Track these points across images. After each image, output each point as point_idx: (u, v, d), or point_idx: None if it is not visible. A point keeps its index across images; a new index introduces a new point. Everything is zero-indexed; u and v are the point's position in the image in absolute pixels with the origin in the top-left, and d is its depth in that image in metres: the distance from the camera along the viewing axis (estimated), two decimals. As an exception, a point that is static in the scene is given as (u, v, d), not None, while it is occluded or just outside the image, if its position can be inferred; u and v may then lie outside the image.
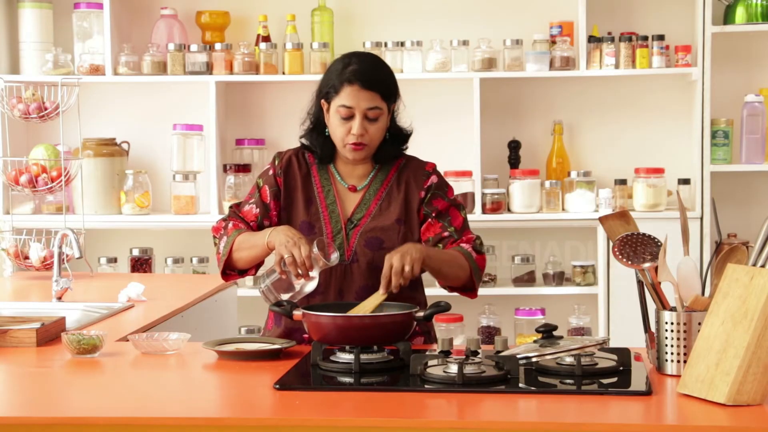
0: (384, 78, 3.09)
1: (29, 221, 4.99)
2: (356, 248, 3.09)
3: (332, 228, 3.10)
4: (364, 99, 3.03)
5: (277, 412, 2.40)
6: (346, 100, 3.03)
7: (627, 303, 4.94)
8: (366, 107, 3.03)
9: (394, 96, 3.11)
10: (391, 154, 3.16)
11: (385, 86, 3.07)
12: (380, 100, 3.05)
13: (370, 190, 3.15)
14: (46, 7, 5.34)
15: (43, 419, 2.35)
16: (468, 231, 3.15)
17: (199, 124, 5.31)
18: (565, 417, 2.33)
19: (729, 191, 5.29)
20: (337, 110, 3.05)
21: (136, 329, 3.23)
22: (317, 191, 3.14)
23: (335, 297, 3.08)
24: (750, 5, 5.12)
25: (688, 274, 2.60)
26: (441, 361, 2.61)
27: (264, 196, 3.16)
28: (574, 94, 5.39)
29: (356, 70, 3.04)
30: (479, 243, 3.13)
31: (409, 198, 3.14)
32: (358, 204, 3.13)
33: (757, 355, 2.31)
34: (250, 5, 5.45)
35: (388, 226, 3.10)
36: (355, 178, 3.17)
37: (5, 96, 4.67)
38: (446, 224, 3.12)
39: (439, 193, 3.15)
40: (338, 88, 3.04)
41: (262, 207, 3.15)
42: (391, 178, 3.16)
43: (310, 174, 3.17)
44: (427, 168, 3.18)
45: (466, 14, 5.39)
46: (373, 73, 3.06)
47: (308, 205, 3.13)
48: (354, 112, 3.04)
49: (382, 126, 3.08)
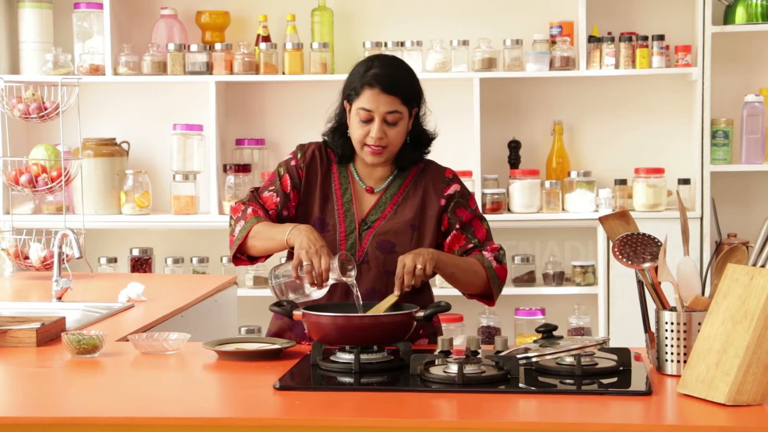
0: (405, 82, 3.08)
1: (29, 221, 4.99)
2: (368, 250, 3.08)
3: (346, 227, 3.10)
4: (384, 103, 3.02)
5: (277, 412, 2.40)
6: (365, 103, 3.03)
7: (627, 303, 4.94)
8: (385, 111, 3.03)
9: (416, 100, 3.10)
10: (412, 158, 3.15)
11: (406, 91, 3.06)
12: (400, 104, 3.04)
13: (387, 193, 3.14)
14: (46, 7, 5.34)
15: (43, 419, 2.35)
16: (492, 242, 3.16)
17: (199, 124, 5.31)
18: (565, 417, 2.33)
19: (729, 191, 5.29)
20: (357, 112, 3.05)
21: (136, 329, 3.23)
22: (335, 189, 3.14)
23: (341, 297, 3.07)
24: (750, 5, 5.12)
25: (688, 274, 2.60)
26: (441, 361, 2.61)
27: (285, 185, 3.14)
28: (574, 94, 5.39)
29: (377, 73, 3.04)
30: (502, 254, 3.14)
31: (425, 204, 3.13)
32: (373, 206, 3.13)
33: (757, 355, 2.31)
34: (250, 5, 5.45)
35: (401, 230, 3.09)
36: (373, 180, 3.16)
37: (5, 96, 4.67)
38: (470, 236, 3.12)
39: (462, 202, 3.15)
40: (359, 91, 3.04)
41: (283, 196, 3.13)
42: (408, 182, 3.16)
43: (330, 171, 3.16)
44: (446, 174, 3.17)
45: (466, 14, 5.39)
46: (394, 78, 3.05)
47: (325, 201, 3.13)
48: (373, 116, 3.03)
49: (402, 130, 3.07)
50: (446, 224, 3.13)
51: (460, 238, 3.12)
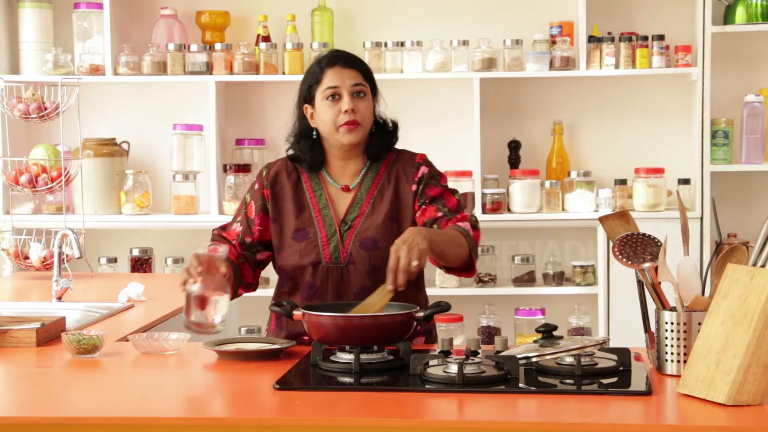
0: (361, 61, 3.18)
1: (29, 221, 5.00)
2: (351, 250, 3.08)
3: (326, 231, 3.10)
4: (348, 77, 3.09)
5: (277, 412, 2.40)
6: (330, 82, 3.09)
7: (627, 303, 4.93)
8: (351, 84, 3.09)
9: (373, 83, 3.16)
10: (383, 144, 3.16)
11: (364, 67, 3.15)
12: (362, 78, 3.11)
13: (362, 189, 3.14)
14: (46, 7, 5.34)
15: (43, 419, 2.35)
16: (463, 212, 3.13)
17: (199, 124, 5.31)
18: (565, 417, 2.33)
19: (729, 191, 5.29)
20: (323, 94, 3.09)
21: (136, 329, 3.23)
22: (309, 197, 3.14)
23: (333, 299, 3.08)
24: (750, 5, 5.12)
25: (688, 274, 2.60)
26: (441, 361, 2.61)
27: (249, 211, 3.18)
28: (574, 94, 5.39)
29: (333, 55, 3.14)
30: (474, 220, 3.11)
31: (400, 193, 3.13)
32: (350, 204, 3.13)
33: (757, 355, 2.31)
34: (250, 5, 5.45)
35: (380, 225, 3.09)
36: (347, 176, 3.16)
37: (5, 96, 4.67)
38: (440, 206, 3.11)
39: (432, 182, 3.14)
40: (320, 77, 3.10)
41: (245, 224, 3.18)
42: (382, 174, 3.16)
43: (300, 180, 3.17)
44: (416, 159, 3.17)
45: (466, 14, 5.39)
46: (350, 56, 3.17)
47: (300, 212, 3.13)
48: (341, 91, 3.08)
49: (369, 105, 3.12)
50: (417, 207, 3.13)
51: (429, 209, 3.11)
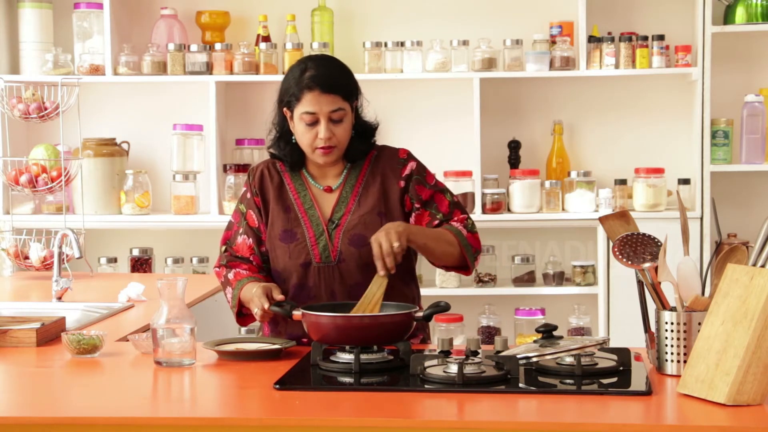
0: (342, 79, 3.08)
1: (29, 221, 5.00)
2: (341, 248, 3.07)
3: (314, 231, 3.09)
4: (326, 103, 3.02)
5: (277, 412, 2.40)
6: (308, 107, 3.02)
7: (627, 303, 4.93)
8: (329, 110, 3.02)
9: (355, 93, 3.10)
10: (361, 149, 3.15)
11: (345, 87, 3.06)
12: (342, 101, 3.04)
13: (346, 188, 3.13)
14: (46, 7, 5.34)
15: (43, 419, 2.35)
16: (458, 211, 3.14)
17: (199, 124, 5.31)
18: (565, 417, 2.33)
19: (729, 191, 5.29)
20: (301, 117, 3.04)
21: (136, 329, 3.23)
22: (293, 198, 3.13)
23: (328, 298, 3.07)
24: (750, 5, 5.12)
25: (688, 274, 2.60)
26: (441, 361, 2.61)
27: (252, 222, 3.16)
28: (574, 94, 5.39)
29: (314, 75, 3.02)
30: (470, 223, 3.12)
31: (386, 189, 3.12)
32: (336, 203, 3.12)
33: (757, 355, 2.31)
34: (250, 5, 5.45)
35: (368, 221, 3.07)
36: (329, 179, 3.15)
37: (5, 96, 4.67)
38: (434, 211, 3.11)
39: (420, 179, 3.13)
40: (299, 96, 3.03)
41: (254, 234, 3.15)
42: (365, 171, 3.14)
43: (283, 182, 3.15)
44: (400, 155, 3.16)
45: (466, 14, 5.39)
46: (331, 77, 3.05)
47: (287, 213, 3.12)
48: (318, 117, 3.02)
49: (348, 126, 3.07)
50: (409, 205, 3.12)
51: (423, 215, 3.11)
